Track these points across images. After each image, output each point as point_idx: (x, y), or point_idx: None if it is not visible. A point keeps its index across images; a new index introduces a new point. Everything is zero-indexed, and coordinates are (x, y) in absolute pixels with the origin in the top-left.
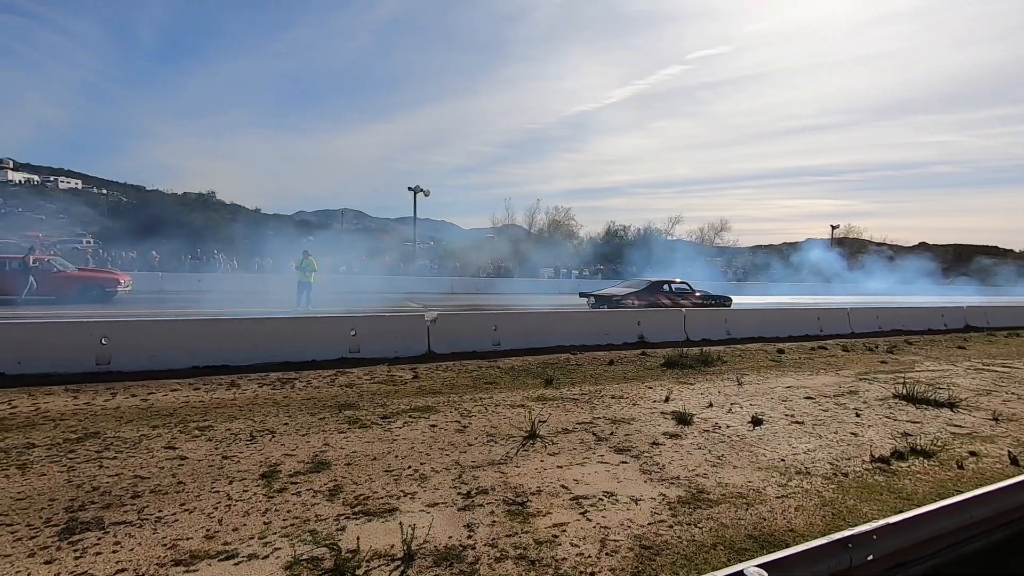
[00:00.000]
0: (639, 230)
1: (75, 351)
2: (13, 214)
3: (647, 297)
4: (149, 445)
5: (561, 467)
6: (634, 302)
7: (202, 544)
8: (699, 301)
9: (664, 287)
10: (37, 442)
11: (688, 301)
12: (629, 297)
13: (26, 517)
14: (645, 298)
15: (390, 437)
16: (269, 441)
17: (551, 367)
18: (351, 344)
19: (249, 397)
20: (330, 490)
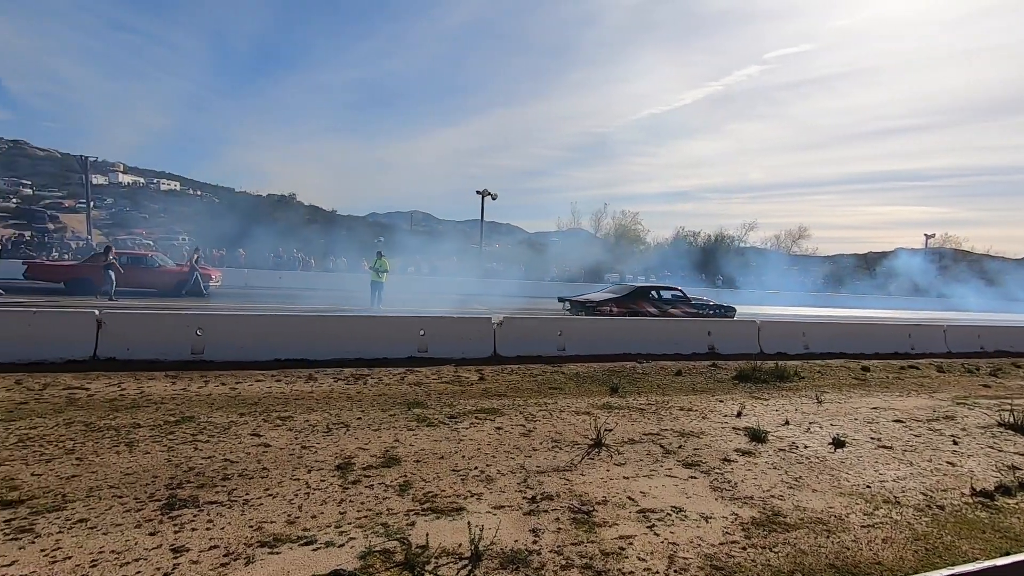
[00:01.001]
0: (710, 236)
1: (174, 341)
2: (123, 212)
3: (628, 305)
4: (237, 431)
5: (627, 478)
6: (612, 309)
7: (284, 528)
8: (692, 311)
9: (651, 294)
10: (142, 423)
11: (679, 310)
12: (607, 304)
13: (133, 491)
14: (626, 305)
15: (457, 437)
16: (344, 434)
17: (616, 375)
18: (420, 344)
19: (325, 391)
20: (400, 485)
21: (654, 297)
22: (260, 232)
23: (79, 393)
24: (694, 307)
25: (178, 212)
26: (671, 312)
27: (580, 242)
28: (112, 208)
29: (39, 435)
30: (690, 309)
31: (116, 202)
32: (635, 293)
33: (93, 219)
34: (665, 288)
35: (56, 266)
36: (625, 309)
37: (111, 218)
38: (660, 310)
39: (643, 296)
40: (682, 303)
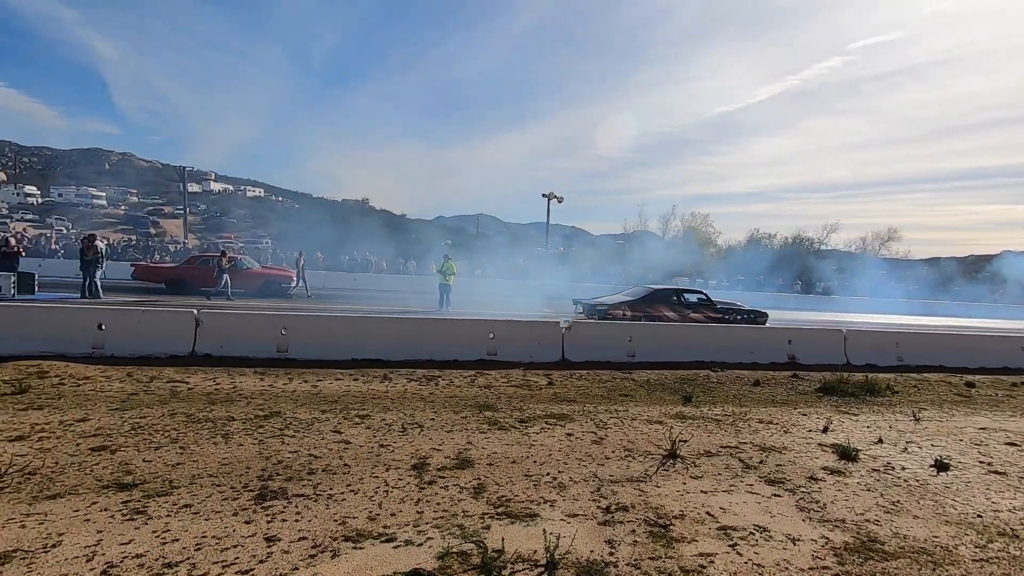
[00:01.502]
0: (787, 238)
1: (262, 340)
2: (214, 218)
3: (643, 308)
4: (320, 428)
5: (705, 492)
6: (625, 313)
7: (366, 524)
8: (716, 316)
9: (672, 297)
10: (235, 416)
11: (701, 315)
12: (620, 307)
13: (230, 480)
14: (641, 309)
15: (528, 442)
16: (418, 434)
17: (689, 383)
18: (489, 347)
19: (399, 391)
20: (474, 488)
21: (674, 300)
22: (336, 236)
23: (180, 386)
24: (719, 311)
25: (262, 217)
26: (692, 317)
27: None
28: (205, 214)
29: (148, 424)
30: (714, 314)
31: (208, 208)
32: (651, 296)
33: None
34: (687, 291)
35: (158, 268)
36: (640, 313)
37: (204, 223)
38: (680, 314)
39: (661, 299)
40: (705, 307)
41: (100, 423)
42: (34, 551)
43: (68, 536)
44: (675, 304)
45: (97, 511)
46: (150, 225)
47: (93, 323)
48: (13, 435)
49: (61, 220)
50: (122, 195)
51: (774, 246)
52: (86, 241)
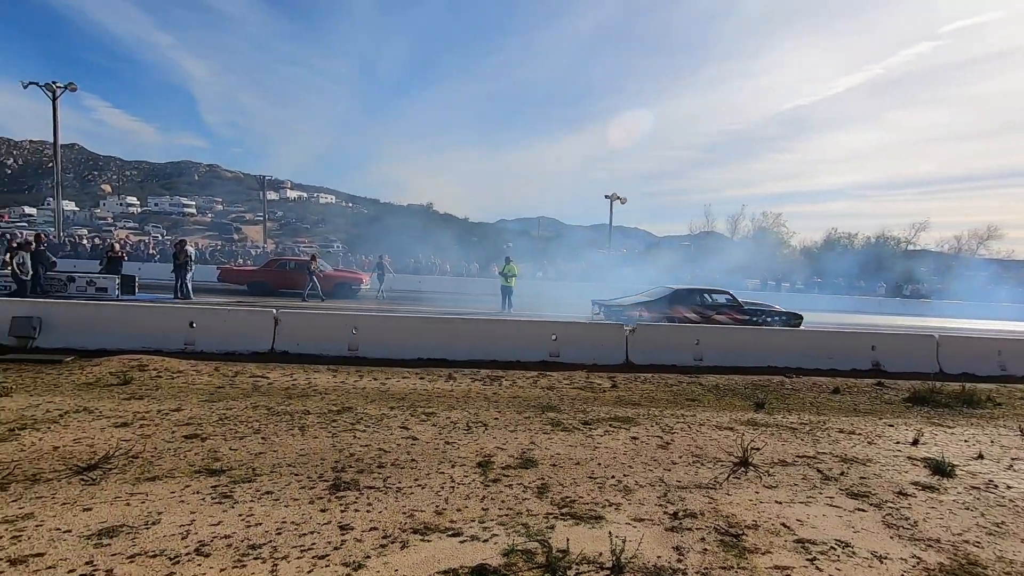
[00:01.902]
0: (870, 238)
1: (334, 338)
2: (289, 223)
3: (661, 309)
4: (388, 423)
5: (780, 503)
6: (642, 314)
7: (433, 518)
8: (743, 318)
9: (692, 298)
10: (311, 410)
11: (727, 317)
12: (637, 308)
13: (306, 470)
14: (659, 310)
15: (592, 444)
16: (483, 433)
17: (762, 389)
18: (551, 348)
19: (464, 390)
20: (538, 488)
21: (695, 301)
22: (401, 239)
23: (261, 381)
24: (746, 313)
25: (333, 222)
26: (716, 319)
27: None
28: (282, 220)
29: (233, 415)
30: (741, 316)
31: (285, 215)
32: (671, 296)
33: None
34: (711, 291)
35: (241, 271)
36: (657, 314)
37: (281, 229)
38: (702, 316)
39: (681, 300)
40: (731, 309)
41: (192, 413)
42: (137, 527)
43: (165, 515)
44: (696, 305)
45: (190, 493)
46: (234, 231)
47: (185, 322)
48: (119, 422)
49: (157, 227)
50: (209, 204)
51: (855, 246)
52: (178, 246)
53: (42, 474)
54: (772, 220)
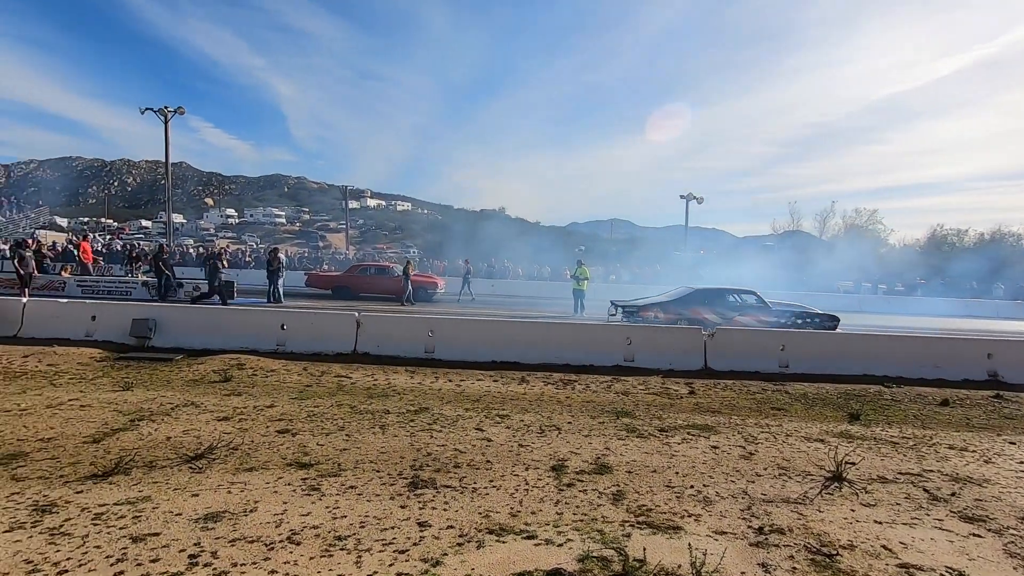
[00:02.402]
0: (983, 234)
1: (412, 340)
2: (370, 231)
3: (677, 310)
4: (463, 425)
5: (880, 523)
6: (657, 315)
7: (508, 520)
8: (770, 320)
9: (715, 298)
10: (390, 409)
11: (751, 319)
12: (652, 309)
13: (387, 467)
14: (675, 311)
15: (669, 452)
16: (556, 437)
17: (856, 399)
18: (626, 353)
19: (536, 393)
20: (613, 495)
21: (715, 302)
22: (475, 243)
23: (345, 381)
24: (774, 315)
25: (409, 228)
26: (739, 321)
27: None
28: (363, 227)
29: (320, 412)
30: (768, 318)
31: (365, 222)
32: (690, 296)
33: (349, 236)
34: (734, 291)
35: (326, 276)
36: (674, 315)
37: (361, 236)
38: (722, 317)
39: (700, 300)
40: (756, 310)
41: (283, 410)
42: (237, 514)
43: (261, 504)
44: (717, 306)
45: (283, 485)
46: (319, 239)
47: (277, 324)
48: (220, 416)
49: (252, 236)
50: (297, 213)
51: (965, 244)
52: (271, 254)
53: (157, 461)
54: (866, 217)
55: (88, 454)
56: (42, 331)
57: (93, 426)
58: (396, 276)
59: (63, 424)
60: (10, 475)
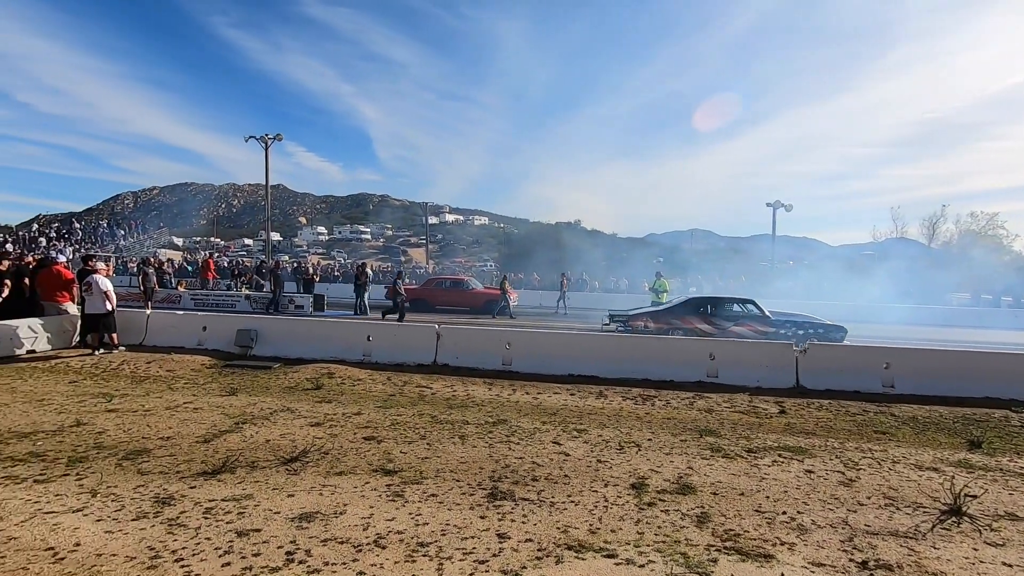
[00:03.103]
0: None
1: (490, 352)
2: (449, 245)
3: (668, 320)
4: (541, 438)
5: (1011, 566)
6: (647, 324)
7: (587, 536)
8: (767, 330)
9: (709, 307)
10: (469, 420)
11: (747, 328)
12: (642, 318)
13: (466, 477)
14: (665, 320)
15: (758, 474)
16: (635, 453)
17: (977, 424)
18: (709, 368)
19: (615, 408)
20: (698, 516)
21: (709, 311)
22: (550, 256)
23: (426, 391)
24: (773, 326)
25: (486, 242)
26: (733, 331)
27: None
28: (442, 242)
29: (403, 421)
30: (766, 328)
31: (444, 237)
32: (682, 305)
33: (429, 251)
34: (730, 300)
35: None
36: (664, 324)
37: (440, 250)
38: (716, 327)
39: (692, 310)
40: (752, 320)
41: (369, 417)
42: (328, 516)
43: (350, 507)
44: (710, 315)
45: (369, 490)
46: (400, 254)
47: (364, 336)
48: (312, 421)
49: (340, 252)
50: (381, 230)
51: None
52: (359, 269)
53: (258, 462)
54: (985, 222)
55: (200, 453)
56: (162, 339)
57: (204, 427)
58: (471, 289)
59: (179, 424)
60: (136, 469)
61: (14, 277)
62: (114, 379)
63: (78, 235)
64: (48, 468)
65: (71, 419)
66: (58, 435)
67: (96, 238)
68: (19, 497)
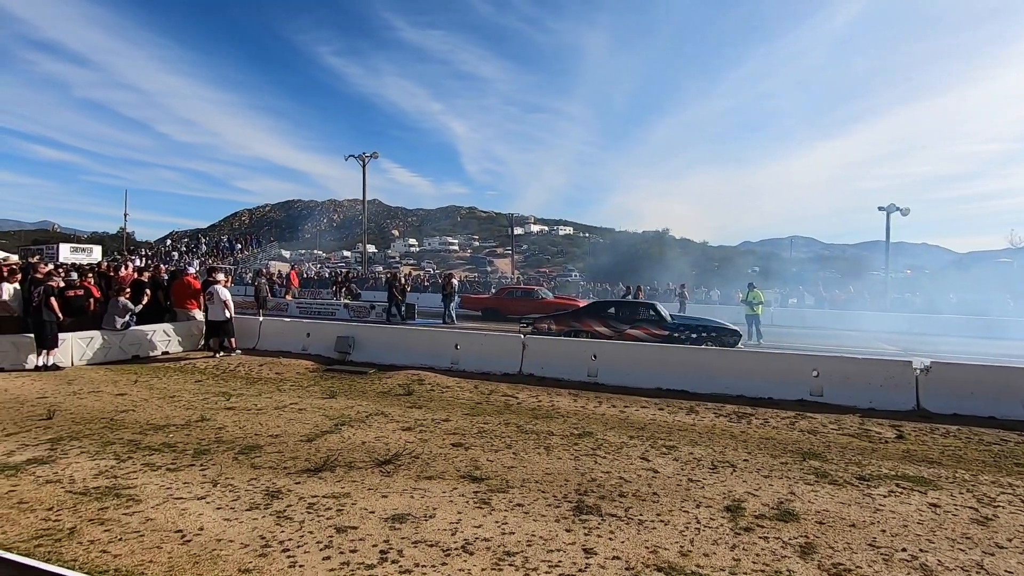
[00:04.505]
0: None
1: (575, 364)
2: (534, 256)
3: (569, 323)
4: (628, 453)
5: None
6: (550, 327)
7: (678, 559)
8: (662, 334)
9: (607, 310)
10: (554, 431)
11: (643, 332)
12: (546, 321)
13: (552, 488)
14: (566, 323)
15: (872, 505)
16: (730, 474)
17: None
18: (812, 386)
19: (707, 425)
20: (802, 547)
21: (609, 314)
22: (637, 266)
23: (512, 400)
24: (669, 329)
25: (571, 253)
26: (630, 334)
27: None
28: (527, 252)
29: (489, 430)
30: (659, 331)
31: (529, 247)
32: (585, 309)
33: (515, 261)
34: (630, 304)
35: (476, 298)
36: (565, 328)
37: (526, 260)
38: (614, 331)
39: (592, 313)
40: (649, 323)
41: (456, 424)
42: (418, 518)
43: (439, 511)
44: (609, 318)
45: (457, 495)
46: (487, 264)
47: (452, 344)
48: (404, 426)
49: (429, 263)
50: (468, 241)
51: None
52: (446, 279)
53: (355, 462)
54: None
55: (304, 451)
56: (272, 344)
57: (307, 427)
58: (541, 299)
59: (286, 424)
60: (250, 463)
61: (152, 287)
62: (232, 379)
63: (203, 249)
64: (178, 458)
65: (196, 415)
66: (185, 429)
67: (218, 251)
68: (155, 483)
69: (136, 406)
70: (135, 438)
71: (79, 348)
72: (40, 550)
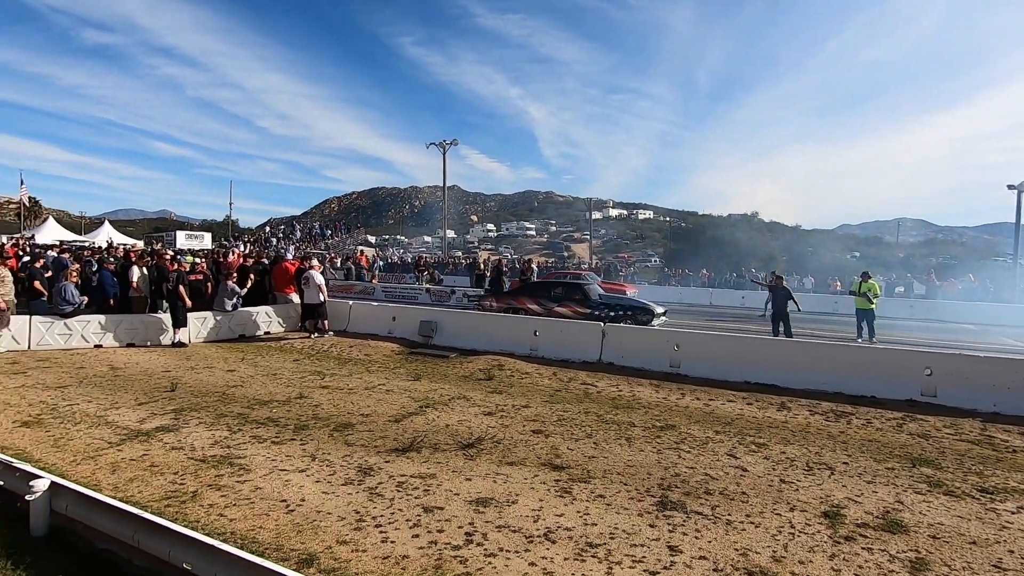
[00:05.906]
0: None
1: (656, 353)
2: (612, 240)
3: (508, 300)
4: (714, 448)
5: None
6: (492, 304)
7: (770, 564)
8: (584, 311)
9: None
10: (635, 423)
11: (568, 310)
12: (488, 297)
13: (634, 482)
14: (505, 301)
15: (996, 521)
16: (828, 477)
17: None
18: (924, 385)
19: (801, 423)
20: (912, 562)
21: (540, 293)
22: (723, 251)
23: (591, 389)
24: (591, 307)
25: (651, 237)
26: (557, 311)
27: None
28: (604, 237)
29: (569, 418)
30: (583, 309)
31: (607, 232)
32: (520, 289)
33: (592, 246)
34: (562, 284)
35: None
36: (505, 305)
37: (603, 245)
38: (544, 308)
39: (528, 291)
40: (574, 303)
41: (536, 411)
42: (501, 503)
43: (521, 498)
44: (541, 297)
45: (538, 483)
46: (564, 249)
47: (531, 331)
48: (486, 410)
49: (507, 248)
50: (545, 226)
51: None
52: (524, 264)
53: (440, 444)
54: None
55: (392, 431)
56: (360, 327)
57: (395, 408)
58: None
59: (375, 404)
60: (344, 440)
61: (256, 272)
62: (325, 359)
63: (297, 235)
64: (280, 432)
65: (296, 392)
66: (286, 405)
67: (311, 238)
68: (262, 455)
69: (244, 382)
70: (244, 411)
71: (195, 327)
72: (169, 510)
